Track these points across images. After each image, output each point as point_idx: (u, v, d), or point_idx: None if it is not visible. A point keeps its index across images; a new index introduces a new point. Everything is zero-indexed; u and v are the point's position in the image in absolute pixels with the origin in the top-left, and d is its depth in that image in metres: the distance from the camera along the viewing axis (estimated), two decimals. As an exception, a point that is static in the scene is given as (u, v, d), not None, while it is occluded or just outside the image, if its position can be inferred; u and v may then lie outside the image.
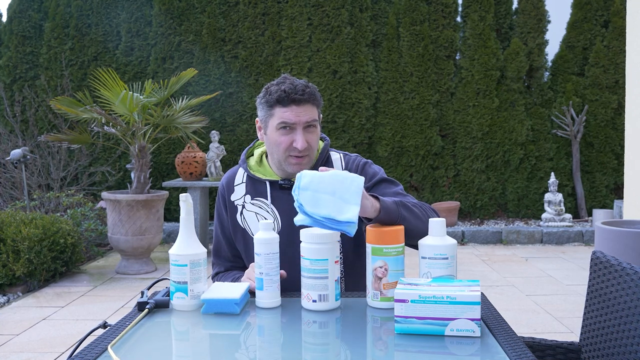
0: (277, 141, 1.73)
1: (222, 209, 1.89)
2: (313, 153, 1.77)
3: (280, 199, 1.79)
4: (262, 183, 1.82)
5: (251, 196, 1.83)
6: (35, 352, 3.29)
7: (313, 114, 1.73)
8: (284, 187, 1.79)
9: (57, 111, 5.79)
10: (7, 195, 6.65)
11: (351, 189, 1.42)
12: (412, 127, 7.05)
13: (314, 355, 1.20)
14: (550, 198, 6.77)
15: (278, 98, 1.70)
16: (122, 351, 1.21)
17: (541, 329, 3.63)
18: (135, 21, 7.14)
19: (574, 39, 7.22)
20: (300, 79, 1.81)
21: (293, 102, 1.70)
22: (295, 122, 1.70)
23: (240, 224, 1.84)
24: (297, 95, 1.69)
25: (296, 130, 1.71)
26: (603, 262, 1.52)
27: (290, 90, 1.69)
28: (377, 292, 1.46)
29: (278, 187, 1.80)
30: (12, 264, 4.44)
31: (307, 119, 1.71)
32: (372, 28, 7.13)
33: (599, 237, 3.56)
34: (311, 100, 1.72)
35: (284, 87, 1.70)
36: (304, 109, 1.71)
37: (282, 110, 1.70)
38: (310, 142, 1.73)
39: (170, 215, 7.12)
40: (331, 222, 1.39)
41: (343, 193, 1.41)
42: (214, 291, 1.49)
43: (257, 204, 1.82)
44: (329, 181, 1.42)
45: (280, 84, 1.73)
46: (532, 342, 1.66)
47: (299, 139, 1.70)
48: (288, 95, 1.69)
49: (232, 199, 1.86)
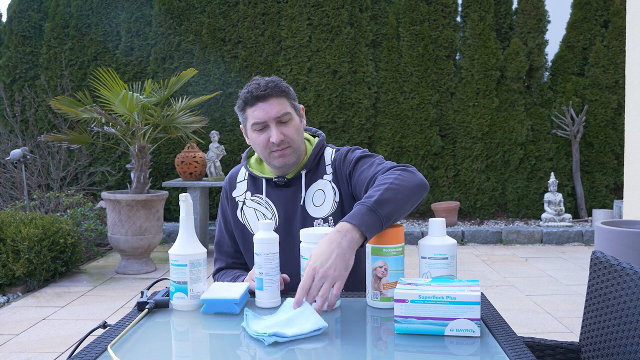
0: (256, 141, 1.76)
1: (225, 204, 1.93)
2: (295, 143, 1.76)
3: (275, 195, 1.83)
4: (260, 180, 1.87)
5: (251, 193, 1.88)
6: (35, 352, 3.29)
7: (282, 106, 1.74)
8: (278, 184, 1.83)
9: (57, 111, 5.79)
10: (7, 195, 6.65)
11: (306, 312, 1.34)
12: (412, 127, 7.05)
13: (314, 355, 1.20)
14: (550, 198, 6.77)
15: (245, 100, 1.75)
16: (122, 351, 1.21)
17: (541, 329, 3.63)
18: (135, 21, 7.14)
19: (574, 39, 7.22)
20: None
21: (258, 99, 1.72)
22: (265, 119, 1.73)
23: (240, 219, 1.88)
24: (260, 92, 1.71)
25: (269, 127, 1.73)
26: (603, 262, 1.52)
27: (254, 89, 1.73)
28: (377, 292, 1.46)
29: (273, 184, 1.84)
30: (12, 264, 4.44)
31: (276, 113, 1.73)
32: (372, 28, 7.14)
33: (598, 237, 3.56)
34: (275, 93, 1.73)
35: (249, 89, 1.74)
36: (270, 105, 1.72)
37: (252, 110, 1.74)
38: (287, 134, 1.74)
39: (170, 215, 7.12)
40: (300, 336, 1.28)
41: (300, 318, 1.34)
42: (214, 291, 1.49)
43: (257, 200, 1.86)
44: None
45: (248, 86, 1.76)
46: (532, 342, 1.66)
47: (273, 133, 1.71)
48: (252, 94, 1.72)
49: (233, 195, 1.90)
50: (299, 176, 1.80)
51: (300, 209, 1.79)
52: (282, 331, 1.26)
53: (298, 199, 1.80)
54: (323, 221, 1.78)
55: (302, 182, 1.80)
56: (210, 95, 5.88)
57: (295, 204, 1.80)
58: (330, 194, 1.78)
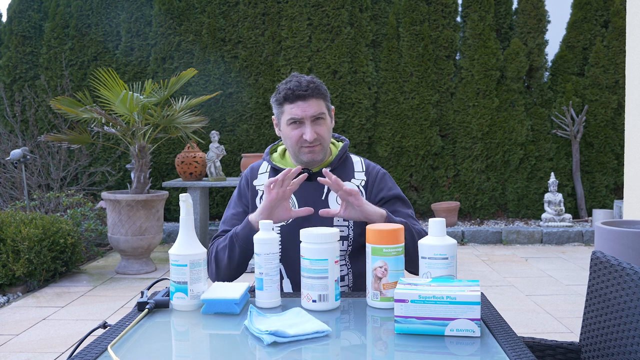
0: (289, 135, 1.86)
1: (245, 189, 1.98)
2: (325, 142, 1.88)
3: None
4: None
5: None
6: (35, 352, 3.29)
7: (319, 107, 1.85)
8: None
9: (57, 111, 5.79)
10: (7, 195, 6.65)
11: (307, 316, 1.37)
12: (412, 127, 7.05)
13: (314, 355, 1.20)
14: (550, 198, 6.77)
15: (285, 96, 1.84)
16: (122, 351, 1.21)
17: (541, 329, 3.63)
18: (135, 21, 7.14)
19: (574, 39, 7.22)
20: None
21: (298, 98, 1.82)
22: (302, 116, 1.82)
23: (257, 207, 1.90)
24: (302, 91, 1.82)
25: (305, 124, 1.83)
26: (603, 262, 1.52)
27: (295, 87, 1.82)
28: (377, 292, 1.46)
29: (295, 177, 1.87)
30: (12, 264, 4.44)
31: (313, 112, 1.83)
32: (372, 28, 7.14)
33: (598, 237, 3.56)
34: (315, 94, 1.84)
35: (290, 85, 1.84)
36: (309, 104, 1.82)
37: (290, 106, 1.84)
38: (320, 133, 1.84)
39: (170, 215, 7.12)
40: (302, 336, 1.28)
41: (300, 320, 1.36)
42: (214, 291, 1.49)
43: None
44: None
45: (288, 82, 1.86)
46: (532, 342, 1.66)
47: (308, 131, 1.82)
48: (293, 92, 1.82)
49: (254, 184, 1.97)
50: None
51: (321, 203, 1.86)
52: (284, 330, 1.26)
53: (322, 194, 1.88)
54: (343, 219, 1.84)
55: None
56: (210, 95, 5.88)
57: (316, 197, 1.87)
58: None
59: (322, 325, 1.30)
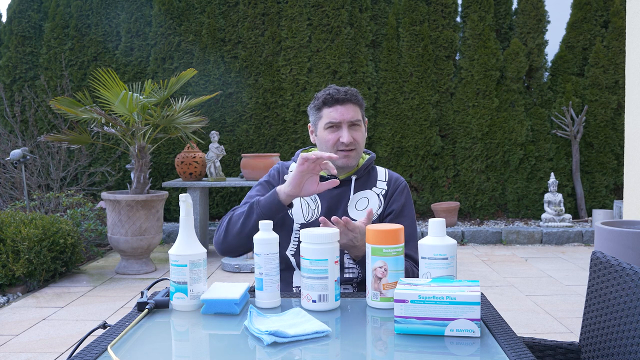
0: (326, 139, 1.93)
1: (275, 176, 2.01)
2: (360, 148, 1.95)
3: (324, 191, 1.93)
4: None
5: None
6: (35, 352, 3.29)
7: (356, 113, 1.93)
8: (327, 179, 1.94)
9: (56, 111, 5.79)
10: (7, 195, 6.65)
11: (306, 316, 1.37)
12: (412, 127, 7.05)
13: (314, 355, 1.20)
14: (550, 198, 6.77)
15: (324, 100, 1.93)
16: (122, 351, 1.21)
17: (541, 329, 3.63)
18: (135, 21, 7.14)
19: (574, 39, 7.22)
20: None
21: (337, 102, 1.91)
22: (340, 120, 1.91)
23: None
24: (340, 95, 1.92)
25: (342, 128, 1.91)
26: (603, 263, 1.52)
27: (334, 92, 1.92)
28: (377, 293, 1.46)
29: (322, 180, 1.93)
30: (11, 264, 4.44)
31: (351, 117, 1.92)
32: (371, 28, 7.14)
33: (598, 237, 3.56)
34: (353, 100, 1.93)
35: (329, 91, 1.94)
36: (347, 108, 1.92)
37: (328, 110, 1.93)
38: (356, 138, 1.92)
39: (170, 216, 7.12)
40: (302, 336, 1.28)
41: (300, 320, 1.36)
42: (214, 291, 1.49)
43: None
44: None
45: (326, 89, 1.96)
46: (532, 342, 1.66)
47: (345, 134, 1.90)
48: (332, 96, 1.92)
49: (284, 178, 2.00)
50: (349, 180, 1.96)
51: (343, 208, 1.92)
52: (284, 330, 1.26)
53: (345, 199, 1.94)
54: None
55: (351, 186, 1.95)
56: (210, 95, 5.88)
57: (340, 202, 1.93)
58: (375, 204, 1.93)
59: (322, 326, 1.30)
